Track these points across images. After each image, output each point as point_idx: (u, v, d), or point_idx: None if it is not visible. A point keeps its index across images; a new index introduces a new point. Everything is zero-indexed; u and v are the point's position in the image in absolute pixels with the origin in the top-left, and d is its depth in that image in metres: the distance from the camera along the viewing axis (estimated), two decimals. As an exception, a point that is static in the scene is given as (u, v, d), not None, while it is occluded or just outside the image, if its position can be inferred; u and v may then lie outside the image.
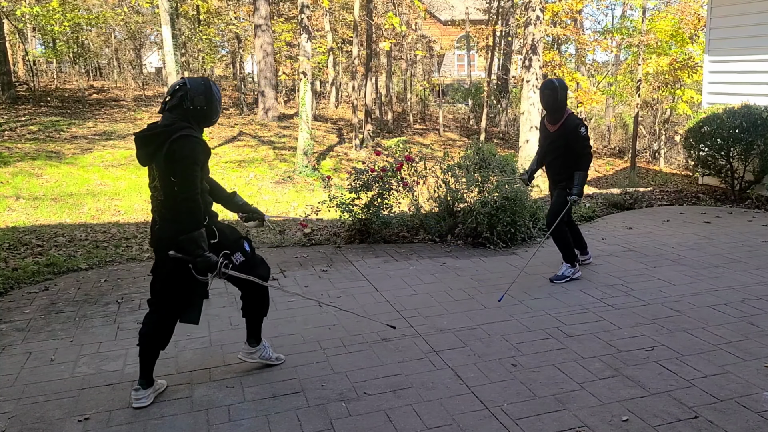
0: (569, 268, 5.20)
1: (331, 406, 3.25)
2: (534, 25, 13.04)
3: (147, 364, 3.30)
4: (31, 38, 25.21)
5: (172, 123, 3.14)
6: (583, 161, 5.05)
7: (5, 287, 5.19)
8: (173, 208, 3.13)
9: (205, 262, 3.14)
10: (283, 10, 23.97)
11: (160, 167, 3.11)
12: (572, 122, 5.05)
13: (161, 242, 3.23)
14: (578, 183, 5.03)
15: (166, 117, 3.20)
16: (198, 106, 3.18)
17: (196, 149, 3.12)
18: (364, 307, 4.67)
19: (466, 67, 31.33)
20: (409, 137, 19.75)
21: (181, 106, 3.16)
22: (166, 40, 13.50)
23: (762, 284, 4.99)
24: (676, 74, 17.02)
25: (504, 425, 3.04)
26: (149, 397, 3.29)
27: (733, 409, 3.13)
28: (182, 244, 3.10)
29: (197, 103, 3.17)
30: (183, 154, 3.06)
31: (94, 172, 11.88)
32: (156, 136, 3.14)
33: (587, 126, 5.19)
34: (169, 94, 3.19)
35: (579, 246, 5.57)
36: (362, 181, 6.53)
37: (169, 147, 3.06)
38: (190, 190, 3.09)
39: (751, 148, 8.04)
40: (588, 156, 5.08)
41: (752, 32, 8.60)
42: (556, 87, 5.02)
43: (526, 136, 13.49)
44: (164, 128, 3.13)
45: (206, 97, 3.19)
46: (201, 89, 3.18)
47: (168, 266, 3.24)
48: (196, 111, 3.18)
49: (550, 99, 5.04)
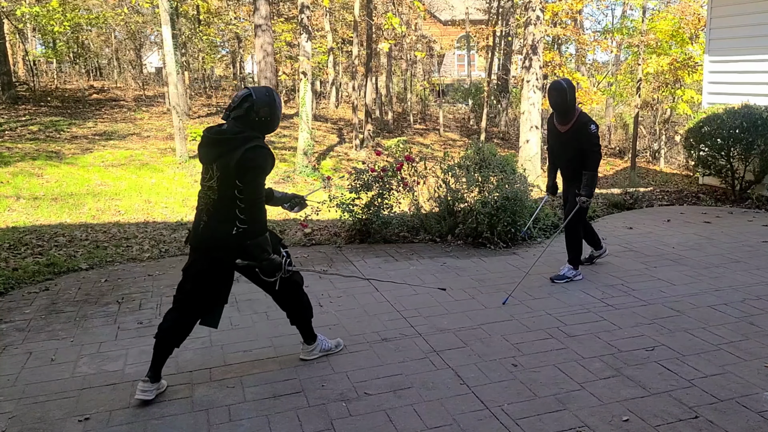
0: (571, 269, 5.19)
1: (331, 406, 3.25)
2: (534, 25, 13.04)
3: (159, 359, 3.36)
4: (31, 38, 25.22)
5: (243, 131, 3.22)
6: (591, 160, 4.96)
7: (5, 287, 5.19)
8: (224, 208, 3.23)
9: (271, 264, 3.30)
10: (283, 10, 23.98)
11: (227, 170, 3.17)
12: (583, 120, 4.98)
13: (204, 242, 3.29)
14: (587, 184, 4.96)
15: (231, 124, 3.26)
16: (263, 117, 3.27)
17: (268, 160, 3.24)
18: (364, 308, 4.67)
19: (466, 67, 31.34)
20: (409, 137, 19.75)
21: (247, 116, 3.24)
22: (166, 40, 13.50)
23: (762, 284, 4.99)
24: (676, 74, 17.02)
25: (504, 425, 3.04)
26: (153, 392, 3.32)
27: (733, 409, 3.13)
28: (249, 249, 3.23)
29: (263, 114, 3.26)
30: (256, 163, 3.18)
31: (94, 172, 11.88)
32: (227, 141, 3.21)
33: (598, 125, 5.13)
34: (236, 103, 3.26)
35: (593, 243, 5.58)
36: (362, 181, 6.53)
37: (244, 155, 3.15)
38: (258, 196, 3.23)
39: (751, 148, 8.04)
40: (597, 155, 4.97)
41: (752, 32, 8.60)
42: (564, 88, 4.93)
43: (526, 136, 13.49)
44: (235, 135, 3.20)
45: (270, 108, 3.29)
46: (266, 100, 3.27)
47: (200, 267, 3.31)
48: (261, 121, 3.27)
49: (559, 99, 4.95)
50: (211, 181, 3.25)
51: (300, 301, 3.64)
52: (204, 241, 3.29)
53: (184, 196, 10.42)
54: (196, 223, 3.35)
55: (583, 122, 4.98)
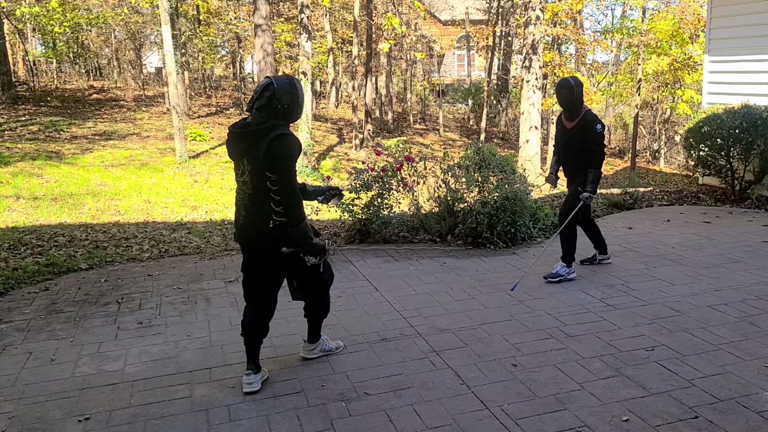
0: (564, 267, 5.21)
1: (331, 406, 3.25)
2: (534, 25, 13.04)
3: (252, 351, 3.46)
4: (31, 38, 25.22)
5: (266, 121, 3.22)
6: (595, 159, 5.07)
7: (5, 287, 5.20)
8: (259, 201, 3.27)
9: (314, 248, 3.36)
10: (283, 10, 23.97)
11: (257, 163, 3.20)
12: (589, 118, 5.10)
13: (249, 239, 3.35)
14: (592, 181, 5.05)
15: (255, 116, 3.27)
16: (285, 104, 3.27)
17: (294, 146, 3.25)
18: (364, 308, 4.67)
19: (466, 67, 31.33)
20: (409, 137, 19.76)
21: (270, 105, 3.25)
22: (166, 40, 13.50)
23: (762, 284, 4.99)
24: (676, 74, 17.02)
25: (504, 425, 3.04)
26: (258, 383, 3.43)
27: (733, 409, 3.13)
28: (293, 236, 3.28)
29: (285, 101, 3.26)
30: (283, 152, 3.19)
31: (94, 172, 11.88)
32: (251, 133, 3.23)
33: (604, 125, 5.20)
34: (258, 94, 3.28)
35: (599, 246, 5.60)
36: (362, 181, 6.53)
37: (269, 145, 3.17)
38: (292, 185, 3.24)
39: (751, 148, 8.03)
40: (601, 154, 5.08)
41: (752, 32, 8.60)
42: (572, 85, 5.08)
43: (526, 136, 13.49)
44: (259, 126, 3.22)
45: (292, 95, 3.28)
46: (287, 87, 3.27)
47: (251, 262, 3.39)
48: (284, 109, 3.28)
49: (567, 97, 5.10)
50: (243, 176, 3.29)
51: (323, 299, 3.70)
52: (246, 237, 3.36)
53: (183, 196, 10.43)
54: (236, 219, 3.42)
55: (589, 121, 5.09)
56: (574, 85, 5.08)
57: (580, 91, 5.10)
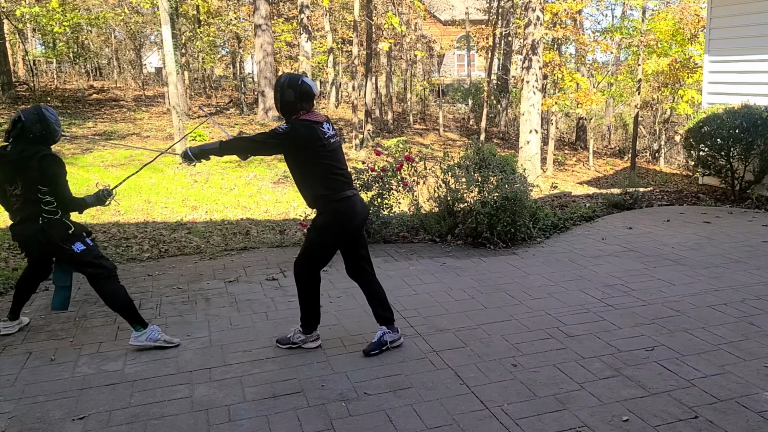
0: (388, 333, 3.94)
1: (331, 406, 3.25)
2: (534, 26, 13.05)
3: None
4: (31, 38, 25.22)
5: (24, 149, 3.90)
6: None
7: (5, 287, 5.20)
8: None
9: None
10: (283, 10, 23.98)
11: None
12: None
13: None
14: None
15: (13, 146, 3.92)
16: (37, 132, 3.91)
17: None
18: (364, 308, 4.67)
19: (466, 67, 31.33)
20: (409, 137, 19.76)
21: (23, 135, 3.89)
22: (166, 40, 13.50)
23: (762, 284, 4.99)
24: (676, 74, 17.03)
25: (504, 425, 3.04)
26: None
27: (733, 409, 3.13)
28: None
29: (35, 131, 3.91)
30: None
31: (94, 172, 11.88)
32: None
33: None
34: (10, 127, 3.95)
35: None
36: (362, 181, 6.53)
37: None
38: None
39: (751, 148, 8.04)
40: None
41: (752, 32, 8.60)
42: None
43: (526, 137, 13.50)
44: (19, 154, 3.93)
45: (42, 123, 3.92)
46: (35, 118, 3.87)
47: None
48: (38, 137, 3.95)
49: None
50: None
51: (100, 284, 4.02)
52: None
53: (183, 196, 10.42)
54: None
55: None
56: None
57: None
